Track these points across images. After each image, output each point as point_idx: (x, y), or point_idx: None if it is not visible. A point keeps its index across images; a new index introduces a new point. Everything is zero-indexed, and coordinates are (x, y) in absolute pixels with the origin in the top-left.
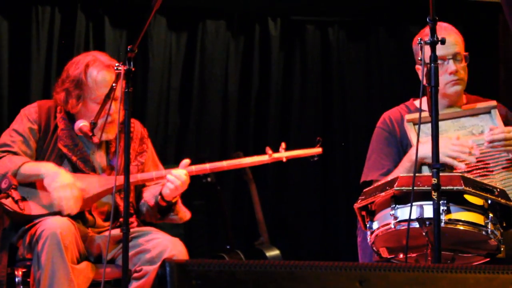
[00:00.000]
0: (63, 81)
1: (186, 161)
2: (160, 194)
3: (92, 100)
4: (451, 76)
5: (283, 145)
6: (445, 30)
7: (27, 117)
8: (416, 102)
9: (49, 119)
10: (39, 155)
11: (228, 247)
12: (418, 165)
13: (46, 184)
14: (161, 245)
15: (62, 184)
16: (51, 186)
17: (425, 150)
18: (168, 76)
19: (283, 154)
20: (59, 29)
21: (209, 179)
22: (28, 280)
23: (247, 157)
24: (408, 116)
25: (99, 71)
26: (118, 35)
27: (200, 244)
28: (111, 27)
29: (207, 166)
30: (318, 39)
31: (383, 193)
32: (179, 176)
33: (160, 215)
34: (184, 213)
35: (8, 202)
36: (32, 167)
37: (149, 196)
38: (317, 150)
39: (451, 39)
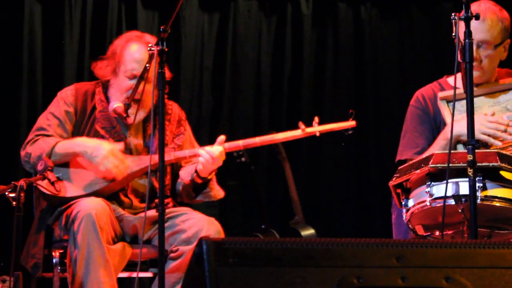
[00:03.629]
0: (108, 52)
1: (222, 137)
2: (196, 171)
3: (123, 72)
4: None
5: (316, 119)
6: (483, 13)
7: (64, 100)
8: (449, 79)
9: (86, 101)
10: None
11: (263, 226)
12: (453, 143)
13: (88, 161)
14: (197, 225)
15: (104, 155)
16: (94, 161)
17: (460, 127)
18: (200, 57)
19: (317, 128)
20: (91, 12)
21: (243, 159)
22: (65, 261)
23: (280, 133)
24: (441, 94)
25: (137, 47)
26: (150, 16)
27: (235, 224)
28: (143, 8)
29: (240, 143)
30: (350, 17)
31: (418, 171)
32: (210, 151)
33: (194, 193)
34: (218, 191)
35: (44, 184)
36: (66, 145)
37: (184, 174)
38: (351, 123)
39: (482, 25)
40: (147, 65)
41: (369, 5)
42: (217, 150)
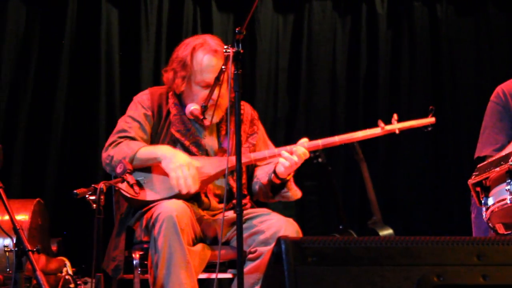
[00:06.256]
0: (172, 61)
1: (304, 139)
2: (274, 172)
3: (196, 83)
4: None
5: (395, 116)
6: None
7: (141, 104)
8: None
9: (161, 105)
10: (153, 140)
11: (341, 227)
12: None
13: (164, 166)
14: (275, 226)
15: (179, 164)
16: (168, 167)
17: None
18: (276, 58)
19: (396, 125)
20: (167, 15)
21: (320, 160)
22: (145, 262)
23: (359, 131)
24: None
25: (204, 55)
26: (226, 19)
27: (313, 225)
28: (218, 11)
29: (320, 142)
30: (426, 15)
31: (498, 168)
32: (295, 151)
33: (272, 193)
34: (295, 191)
35: (123, 186)
36: (148, 151)
37: (262, 174)
38: (430, 119)
39: None
40: (223, 67)
41: (445, 3)
42: (300, 150)
